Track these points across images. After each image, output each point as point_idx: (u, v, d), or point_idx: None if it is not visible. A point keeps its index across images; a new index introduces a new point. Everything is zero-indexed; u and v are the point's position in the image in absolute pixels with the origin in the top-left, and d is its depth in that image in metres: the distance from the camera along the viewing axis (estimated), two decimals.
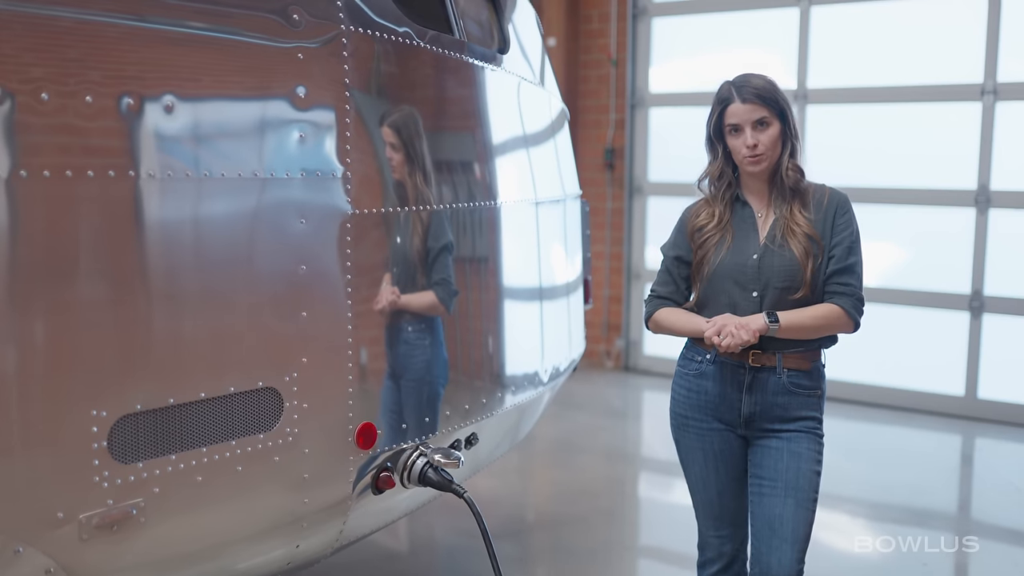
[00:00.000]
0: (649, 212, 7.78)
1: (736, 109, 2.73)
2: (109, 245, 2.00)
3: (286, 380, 2.33)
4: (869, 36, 6.76)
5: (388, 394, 2.66)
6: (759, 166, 2.74)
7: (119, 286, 2.02)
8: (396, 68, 2.64)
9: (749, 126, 2.72)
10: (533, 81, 3.38)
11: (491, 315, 3.05)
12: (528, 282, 3.31)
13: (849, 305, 2.72)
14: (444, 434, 2.80)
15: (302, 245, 2.35)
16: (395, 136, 2.63)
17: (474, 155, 2.97)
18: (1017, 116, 6.29)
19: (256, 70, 2.27)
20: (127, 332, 2.04)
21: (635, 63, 7.70)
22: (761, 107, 2.71)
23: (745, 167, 2.76)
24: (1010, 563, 4.27)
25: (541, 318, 3.36)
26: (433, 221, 2.75)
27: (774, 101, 2.73)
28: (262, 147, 2.29)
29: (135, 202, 2.04)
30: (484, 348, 3.02)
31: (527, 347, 3.28)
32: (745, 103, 2.72)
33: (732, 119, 2.74)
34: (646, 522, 4.95)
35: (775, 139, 2.73)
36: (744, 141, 2.72)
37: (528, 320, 3.30)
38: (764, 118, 2.72)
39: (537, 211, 3.32)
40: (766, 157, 2.73)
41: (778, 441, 2.76)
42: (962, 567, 4.31)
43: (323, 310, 2.41)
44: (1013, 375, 6.41)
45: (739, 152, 2.74)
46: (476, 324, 2.98)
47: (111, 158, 1.99)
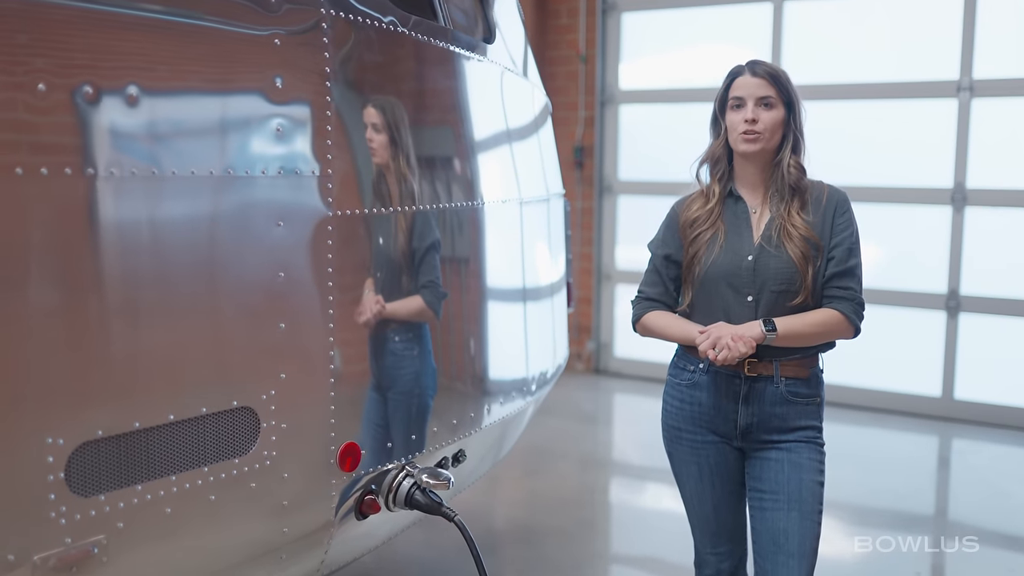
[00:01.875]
0: (619, 211, 7.62)
1: (744, 81, 2.58)
2: (65, 251, 1.78)
3: (263, 399, 2.12)
4: (843, 32, 6.66)
5: (372, 410, 2.45)
6: (753, 145, 2.57)
7: (77, 297, 1.79)
8: (381, 57, 2.44)
9: (752, 101, 2.56)
10: (518, 72, 3.19)
11: (479, 322, 2.86)
12: (515, 286, 3.11)
13: (850, 310, 2.57)
14: (431, 452, 2.61)
15: (280, 250, 2.14)
16: (380, 131, 2.42)
17: (462, 151, 2.77)
18: (993, 113, 6.22)
19: (229, 58, 2.05)
20: (86, 349, 1.81)
21: (604, 59, 7.54)
22: (770, 86, 2.56)
23: (738, 145, 2.59)
24: (999, 565, 4.17)
25: (528, 324, 3.17)
26: (419, 220, 2.55)
27: (784, 87, 2.58)
28: (235, 143, 2.07)
29: (93, 203, 1.82)
30: (472, 358, 2.83)
31: (515, 355, 3.09)
32: (755, 77, 2.57)
33: (737, 91, 2.59)
34: (628, 532, 4.78)
35: (777, 123, 2.58)
36: (744, 115, 2.56)
37: (516, 327, 3.11)
38: (770, 98, 2.56)
39: (522, 211, 3.13)
40: (763, 138, 2.57)
41: (777, 452, 2.60)
42: (951, 570, 4.21)
43: (303, 320, 2.20)
44: (990, 375, 6.34)
45: (736, 128, 2.59)
46: (464, 332, 2.78)
47: (65, 155, 1.77)
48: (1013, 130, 6.22)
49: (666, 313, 2.70)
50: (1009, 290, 6.24)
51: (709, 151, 2.70)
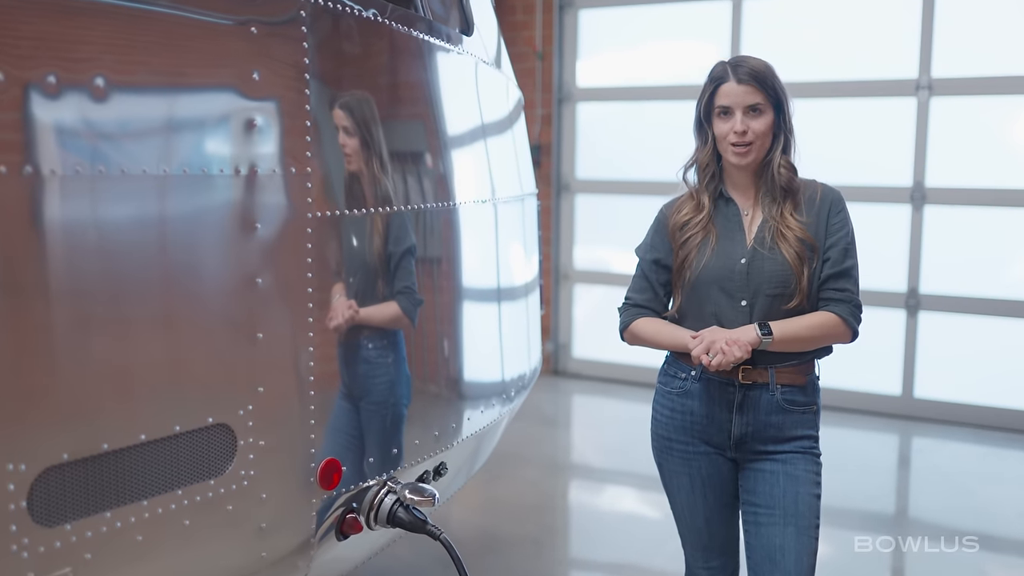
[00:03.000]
0: (577, 210, 7.52)
1: (729, 89, 2.47)
2: (16, 257, 1.61)
3: (240, 414, 1.97)
4: (803, 29, 6.63)
5: (351, 423, 2.31)
6: (746, 158, 2.48)
7: (34, 308, 1.63)
8: (361, 50, 2.29)
9: (740, 110, 2.46)
10: (493, 64, 3.07)
11: (457, 328, 2.72)
12: (493, 290, 2.99)
13: (847, 313, 2.49)
14: (412, 466, 2.47)
15: (257, 254, 1.99)
16: (359, 129, 2.28)
17: (443, 149, 2.63)
18: (952, 112, 6.23)
19: (201, 48, 1.90)
20: (49, 365, 1.65)
21: (562, 56, 7.43)
22: (757, 91, 2.46)
23: (729, 156, 2.50)
24: (968, 566, 4.15)
25: (506, 330, 3.04)
26: (397, 223, 2.41)
27: (771, 88, 2.48)
28: (209, 140, 1.92)
29: (46, 204, 1.65)
30: (452, 366, 2.69)
31: (494, 362, 2.97)
32: (740, 84, 2.46)
33: (723, 100, 2.48)
34: (595, 537, 4.68)
35: (767, 129, 2.48)
36: (733, 126, 2.46)
37: (495, 333, 2.98)
38: (758, 104, 2.46)
39: (497, 211, 3.00)
40: (754, 148, 2.48)
41: (772, 464, 2.50)
42: (920, 570, 4.18)
43: (282, 330, 2.05)
44: (949, 374, 6.36)
45: (725, 138, 2.49)
46: (442, 339, 2.65)
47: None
48: (971, 129, 6.24)
49: (655, 319, 2.60)
50: (968, 288, 6.26)
51: (696, 157, 2.60)
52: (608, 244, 7.59)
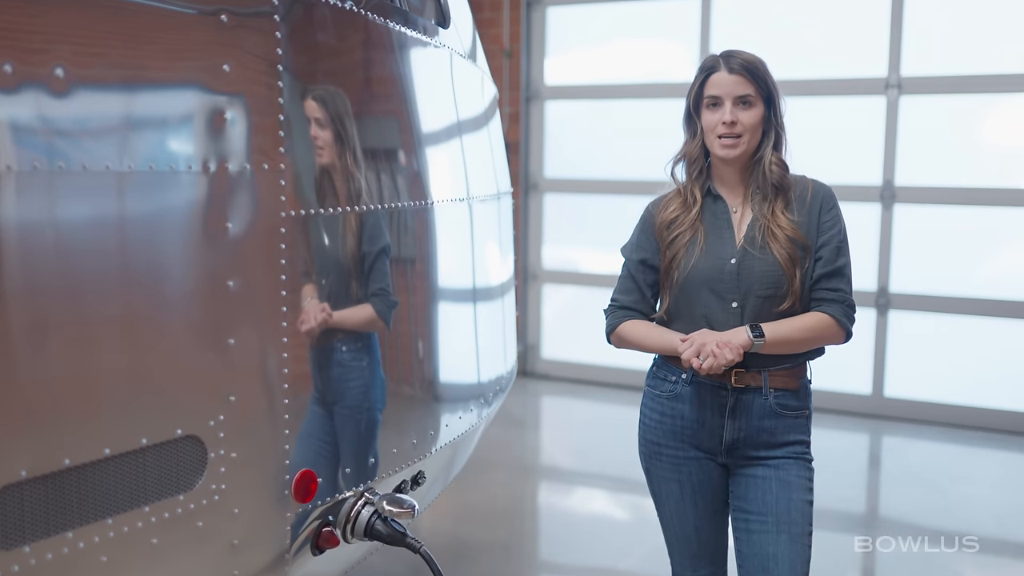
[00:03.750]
0: (546, 210, 7.45)
1: (720, 79, 2.40)
2: None
3: (211, 425, 1.86)
4: (772, 28, 6.59)
5: (327, 432, 2.21)
6: (734, 150, 2.41)
7: None
8: (336, 41, 2.19)
9: (730, 100, 2.39)
10: (469, 58, 2.97)
11: (433, 331, 2.63)
12: (469, 292, 2.89)
13: (840, 313, 2.42)
14: (390, 475, 2.37)
15: (228, 255, 1.88)
16: (333, 124, 2.17)
17: (420, 146, 2.53)
18: (921, 110, 6.23)
19: (168, 38, 1.79)
20: (5, 374, 1.53)
21: (529, 54, 7.35)
22: (748, 83, 2.39)
23: (717, 149, 2.43)
24: (940, 566, 4.12)
25: (484, 333, 2.95)
26: (373, 222, 2.31)
27: (763, 80, 2.42)
28: (176, 134, 1.81)
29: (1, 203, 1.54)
30: (429, 370, 2.60)
31: (472, 366, 2.87)
32: (732, 74, 2.39)
33: (713, 90, 2.41)
34: (568, 541, 4.60)
35: (757, 123, 2.41)
36: (721, 116, 2.39)
37: (470, 335, 2.88)
38: (748, 96, 2.40)
39: (472, 210, 2.91)
40: (743, 141, 2.41)
41: (765, 470, 2.44)
42: (890, 570, 4.14)
43: (254, 335, 1.95)
44: (919, 372, 6.35)
45: (714, 130, 2.41)
46: (419, 343, 2.55)
47: None
48: (941, 127, 6.24)
49: (643, 322, 2.52)
50: (938, 287, 6.26)
51: (684, 151, 2.53)
52: (577, 244, 7.52)
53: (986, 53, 6.11)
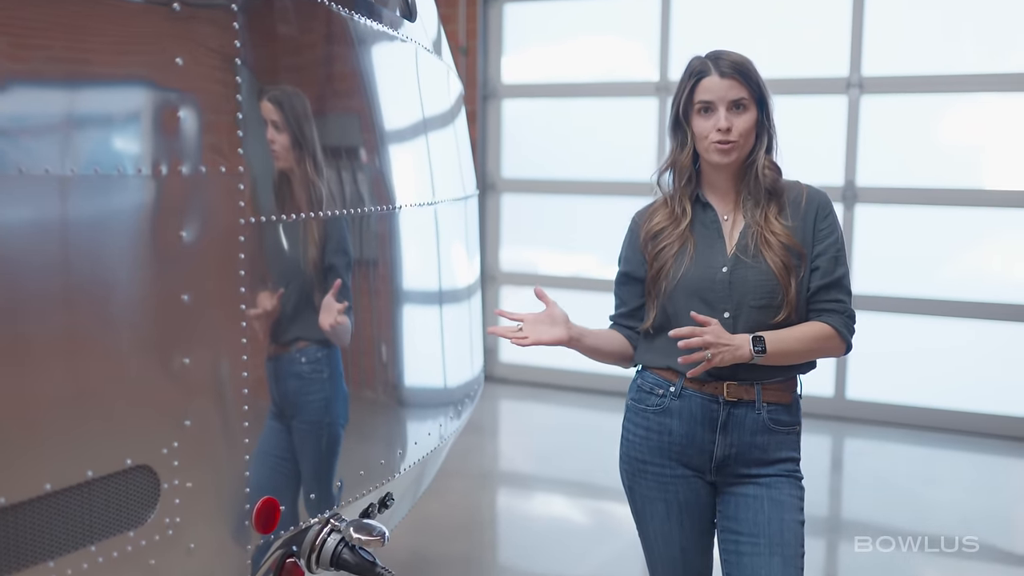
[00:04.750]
0: (503, 210, 7.31)
1: (711, 84, 2.28)
2: None
3: (163, 453, 1.69)
4: (732, 26, 6.52)
5: (290, 454, 2.05)
6: (728, 156, 2.29)
7: None
8: (298, 33, 2.03)
9: (724, 106, 2.28)
10: (434, 52, 2.82)
11: (401, 346, 2.47)
12: (436, 300, 2.75)
13: (840, 324, 2.32)
14: (356, 499, 2.22)
15: (182, 267, 1.72)
16: (296, 123, 2.01)
17: (389, 147, 2.38)
18: (882, 110, 6.19)
19: (115, 29, 1.62)
20: None
21: (486, 51, 7.21)
22: (741, 86, 2.28)
23: (711, 155, 2.31)
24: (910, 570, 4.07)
25: (448, 344, 2.81)
26: (337, 227, 2.15)
27: (755, 82, 2.30)
28: (124, 134, 1.64)
29: None
30: (398, 387, 2.45)
31: (441, 377, 2.73)
32: (724, 78, 2.28)
33: (705, 95, 2.29)
34: (536, 551, 4.48)
35: (750, 127, 2.31)
36: (716, 123, 2.27)
37: (438, 346, 2.73)
38: (742, 100, 2.28)
39: (436, 214, 2.76)
40: (738, 147, 2.30)
41: (756, 488, 2.32)
42: None
43: (212, 353, 1.78)
44: (882, 374, 6.32)
45: (707, 137, 2.29)
46: (383, 357, 2.40)
47: None
48: (902, 127, 6.21)
49: (606, 330, 2.43)
50: (900, 288, 6.23)
51: (673, 160, 2.40)
52: (535, 245, 7.40)
53: (947, 52, 6.09)
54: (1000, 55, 6.08)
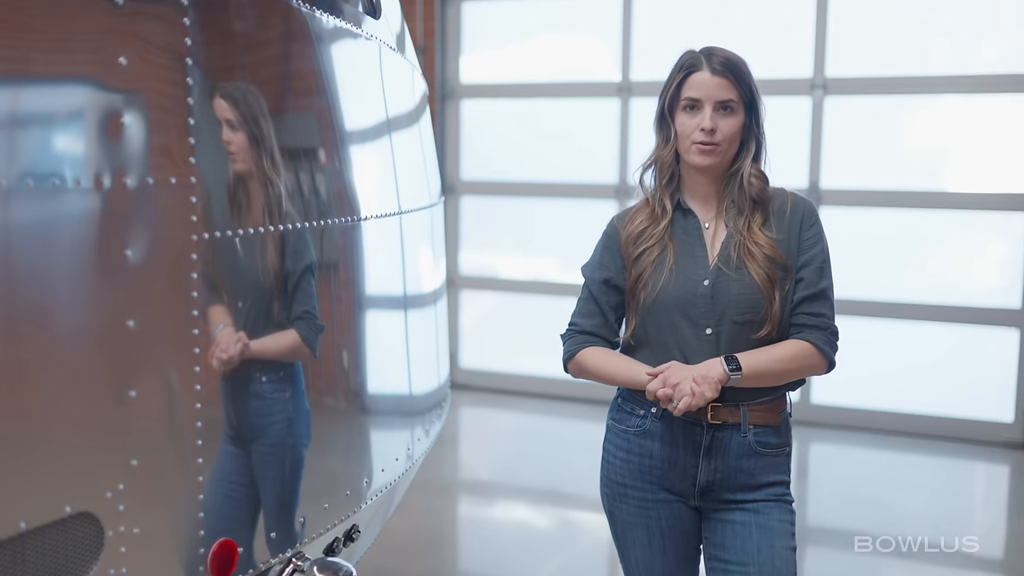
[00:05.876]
0: (463, 213, 7.15)
1: (701, 80, 2.16)
2: None
3: (108, 498, 1.52)
4: (695, 27, 6.42)
5: (248, 489, 1.88)
6: (709, 158, 2.16)
7: None
8: (255, 30, 1.86)
9: (711, 105, 2.15)
10: (398, 50, 2.66)
11: (366, 365, 2.31)
12: (402, 315, 2.59)
13: (822, 341, 2.20)
14: (320, 535, 2.05)
15: (128, 289, 1.55)
16: (253, 128, 1.84)
17: (351, 154, 2.22)
18: (846, 112, 6.13)
19: (51, 26, 1.45)
20: None
21: (444, 51, 7.04)
22: (732, 86, 2.15)
23: (691, 156, 2.17)
24: None
25: (412, 361, 2.65)
26: (297, 239, 1.98)
27: (747, 85, 2.18)
28: (62, 142, 1.47)
29: None
30: (362, 411, 2.28)
31: (407, 400, 2.57)
32: (715, 75, 2.15)
33: (693, 91, 2.16)
34: (501, 564, 4.33)
35: (736, 132, 2.18)
36: (700, 122, 2.14)
37: (403, 367, 2.57)
38: (731, 102, 2.16)
39: (401, 223, 2.61)
40: (721, 150, 2.17)
41: (743, 514, 2.19)
42: None
43: (161, 384, 1.61)
44: (847, 378, 6.24)
45: (689, 135, 2.16)
46: (350, 382, 2.24)
47: None
48: (865, 129, 6.16)
49: (605, 350, 2.26)
50: (864, 291, 6.17)
51: (656, 156, 2.27)
52: (495, 248, 7.25)
53: (911, 54, 6.05)
54: (964, 57, 6.04)
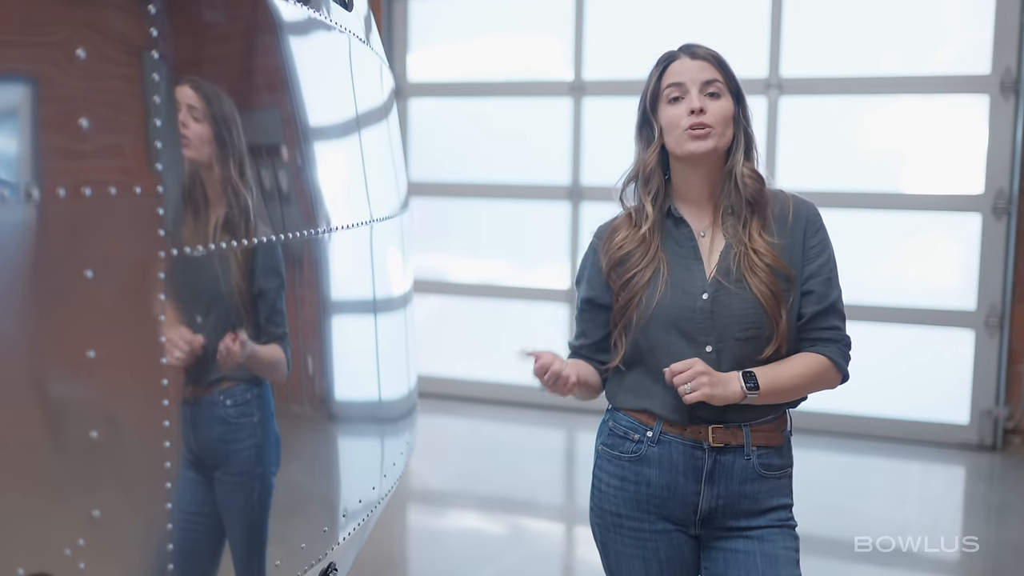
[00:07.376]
0: (413, 216, 6.96)
1: (681, 66, 2.03)
2: None
3: (67, 555, 1.33)
4: (648, 26, 6.30)
5: (218, 536, 1.70)
6: (705, 143, 1.98)
7: None
8: (225, 22, 1.68)
9: (696, 87, 2.00)
10: (367, 43, 2.49)
11: (336, 391, 2.13)
12: (371, 331, 2.41)
13: (838, 355, 2.07)
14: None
15: (87, 315, 1.35)
16: (224, 130, 1.66)
17: (320, 156, 2.03)
18: (801, 112, 6.08)
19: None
20: None
21: (391, 48, 6.84)
22: (715, 69, 2.02)
23: (684, 145, 2.00)
24: None
25: (390, 380, 2.47)
26: (270, 253, 1.80)
27: (730, 71, 2.05)
28: (8, 147, 1.28)
29: None
30: (337, 440, 2.11)
31: (382, 426, 2.39)
32: (695, 59, 2.02)
33: (675, 77, 2.03)
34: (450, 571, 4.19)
35: (727, 116, 2.02)
36: (689, 104, 1.99)
37: (373, 387, 2.40)
38: (716, 83, 2.01)
39: (372, 233, 2.43)
40: (715, 133, 2.00)
41: (747, 543, 2.05)
42: None
43: (126, 422, 1.42)
44: None
45: (678, 124, 2.01)
46: (323, 413, 2.06)
47: None
48: (820, 129, 6.11)
49: (574, 362, 2.09)
50: None
51: (638, 163, 2.11)
52: (445, 251, 7.07)
53: (866, 55, 6.02)
54: (919, 58, 6.02)
